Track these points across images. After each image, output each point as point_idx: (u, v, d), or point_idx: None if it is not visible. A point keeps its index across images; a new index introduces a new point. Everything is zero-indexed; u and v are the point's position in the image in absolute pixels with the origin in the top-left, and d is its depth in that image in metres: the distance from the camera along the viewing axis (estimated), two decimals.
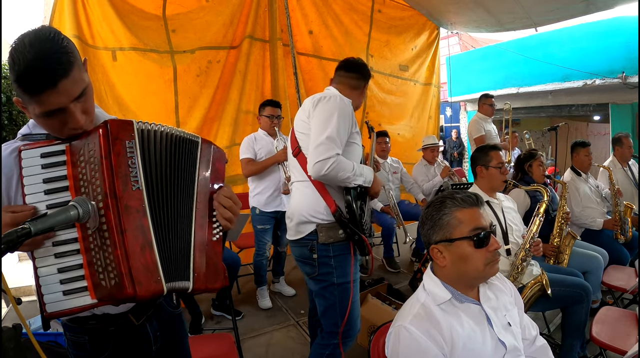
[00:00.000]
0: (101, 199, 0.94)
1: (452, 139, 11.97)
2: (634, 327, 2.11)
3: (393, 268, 4.20)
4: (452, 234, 1.25)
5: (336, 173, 1.77)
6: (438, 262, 1.28)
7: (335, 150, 1.77)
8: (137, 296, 0.92)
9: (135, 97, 3.41)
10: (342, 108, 1.86)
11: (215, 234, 1.13)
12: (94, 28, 3.18)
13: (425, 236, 1.32)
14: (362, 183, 1.88)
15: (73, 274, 0.95)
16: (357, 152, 1.98)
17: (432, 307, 1.24)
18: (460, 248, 1.24)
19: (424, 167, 4.60)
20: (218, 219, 1.13)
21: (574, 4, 4.27)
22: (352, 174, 1.81)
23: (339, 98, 1.89)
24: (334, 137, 1.78)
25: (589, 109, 8.23)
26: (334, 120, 1.81)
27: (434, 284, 1.28)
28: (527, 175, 3.13)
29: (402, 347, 1.18)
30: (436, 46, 5.58)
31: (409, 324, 1.19)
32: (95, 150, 0.95)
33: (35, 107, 0.94)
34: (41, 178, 0.97)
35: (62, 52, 0.92)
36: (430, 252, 1.29)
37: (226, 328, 2.93)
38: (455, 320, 1.22)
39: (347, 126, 1.86)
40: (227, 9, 3.83)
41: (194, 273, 1.05)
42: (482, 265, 1.23)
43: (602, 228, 3.29)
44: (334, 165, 1.75)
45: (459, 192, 1.31)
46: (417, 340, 1.16)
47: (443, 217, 1.27)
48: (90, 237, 0.96)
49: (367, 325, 2.73)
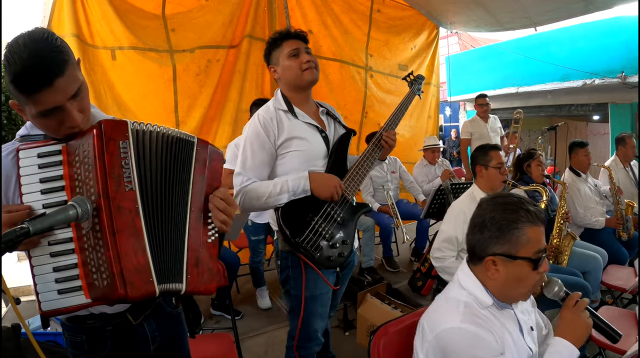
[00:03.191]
0: (94, 199, 0.94)
1: (451, 139, 11.98)
2: (634, 327, 2.11)
3: (392, 268, 4.19)
4: (518, 252, 1.14)
5: (249, 204, 1.69)
6: (489, 273, 1.18)
7: (239, 186, 1.70)
8: (128, 297, 0.92)
9: (134, 96, 3.40)
10: (252, 130, 1.74)
11: (211, 236, 1.12)
12: (93, 27, 3.17)
13: (481, 241, 1.20)
14: (293, 197, 1.67)
15: (68, 273, 0.95)
16: (297, 158, 1.75)
17: (477, 308, 1.17)
18: (520, 267, 1.15)
19: (425, 167, 4.61)
20: (213, 221, 1.12)
21: (573, 3, 4.26)
22: (267, 198, 1.66)
23: (254, 118, 1.76)
24: (238, 171, 1.72)
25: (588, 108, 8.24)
26: (242, 147, 1.74)
27: (475, 287, 1.21)
28: (526, 175, 3.14)
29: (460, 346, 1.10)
30: (435, 46, 5.57)
31: (462, 323, 1.12)
32: (89, 151, 0.95)
33: (32, 107, 0.94)
34: (38, 178, 0.97)
35: (57, 51, 0.93)
36: (485, 263, 1.19)
37: (225, 328, 2.93)
38: (499, 324, 1.18)
39: (263, 144, 1.71)
40: (226, 8, 3.83)
41: (187, 275, 1.04)
42: (531, 289, 1.18)
43: (605, 226, 3.29)
44: (242, 199, 1.68)
45: (532, 203, 1.19)
46: (478, 335, 1.10)
47: (514, 231, 1.14)
48: (84, 237, 0.96)
49: (367, 325, 2.73)
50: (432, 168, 4.60)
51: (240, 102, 3.94)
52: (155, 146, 1.04)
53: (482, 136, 4.92)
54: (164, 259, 1.01)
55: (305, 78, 1.76)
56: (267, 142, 1.72)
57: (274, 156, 1.75)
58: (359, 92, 4.86)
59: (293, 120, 1.77)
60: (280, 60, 1.77)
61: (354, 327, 2.92)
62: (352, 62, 4.76)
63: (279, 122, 1.74)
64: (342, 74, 4.67)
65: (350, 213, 1.79)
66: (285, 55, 1.75)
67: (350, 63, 4.74)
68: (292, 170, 1.73)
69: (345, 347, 2.81)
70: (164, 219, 1.03)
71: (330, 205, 1.73)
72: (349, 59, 4.72)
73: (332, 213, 1.73)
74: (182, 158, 1.08)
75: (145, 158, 1.02)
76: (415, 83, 2.13)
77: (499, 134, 5.12)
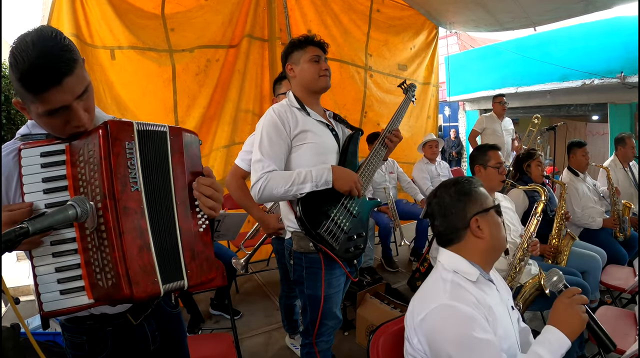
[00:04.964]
0: (100, 200, 0.93)
1: (450, 139, 11.98)
2: (633, 327, 2.12)
3: (391, 268, 4.20)
4: (487, 203, 1.28)
5: (269, 192, 1.69)
6: (477, 234, 1.26)
7: (260, 171, 1.71)
8: (134, 297, 0.91)
9: (133, 96, 3.39)
10: (268, 122, 1.79)
11: (202, 225, 1.09)
12: (92, 27, 3.17)
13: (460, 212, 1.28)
14: (315, 188, 1.71)
15: (70, 274, 0.95)
16: (311, 151, 1.82)
17: (463, 282, 1.21)
18: (493, 217, 1.27)
19: (425, 165, 4.60)
20: (201, 208, 1.09)
21: (573, 3, 4.26)
22: (290, 186, 1.68)
23: (268, 112, 1.83)
24: (258, 158, 1.74)
25: (587, 108, 8.25)
26: (259, 137, 1.78)
27: (459, 262, 1.26)
28: (525, 175, 3.14)
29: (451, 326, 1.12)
30: (435, 46, 5.57)
31: (449, 300, 1.14)
32: (95, 151, 0.95)
33: (39, 106, 0.93)
34: (40, 177, 0.96)
35: (66, 50, 0.93)
36: (471, 226, 1.26)
37: (225, 328, 2.93)
38: (487, 295, 1.21)
39: (280, 133, 1.77)
40: (226, 8, 3.82)
41: (186, 270, 1.03)
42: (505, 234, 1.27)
43: (602, 227, 3.30)
44: (263, 186, 1.69)
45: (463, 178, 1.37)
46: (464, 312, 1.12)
47: (475, 189, 1.30)
48: (88, 237, 0.95)
49: (366, 325, 2.73)
50: (432, 166, 4.59)
51: (239, 101, 3.93)
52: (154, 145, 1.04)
53: (494, 132, 5.00)
54: (166, 259, 1.01)
55: (319, 84, 1.87)
56: (283, 132, 1.78)
57: (289, 147, 1.81)
58: (358, 92, 4.87)
59: (306, 116, 1.86)
60: (301, 61, 1.87)
61: (354, 327, 2.92)
62: (352, 61, 4.76)
63: (293, 116, 1.83)
64: (342, 74, 4.67)
65: (363, 207, 1.88)
66: (307, 58, 1.85)
67: (350, 63, 4.75)
68: (305, 164, 1.78)
69: (345, 346, 2.82)
70: (160, 218, 1.03)
71: (347, 198, 1.80)
72: (348, 58, 4.72)
73: (348, 206, 1.81)
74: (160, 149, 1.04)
75: (150, 158, 1.02)
76: (409, 90, 2.21)
77: (512, 135, 5.19)
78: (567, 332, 1.12)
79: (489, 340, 1.08)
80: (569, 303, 1.18)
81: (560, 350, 1.10)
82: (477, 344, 1.07)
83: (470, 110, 11.03)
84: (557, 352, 1.09)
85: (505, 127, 5.09)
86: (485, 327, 1.11)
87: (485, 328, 1.11)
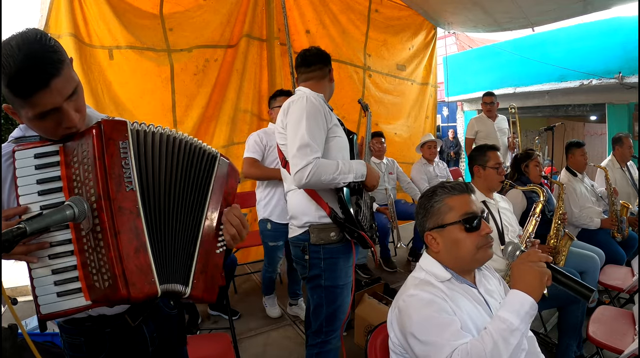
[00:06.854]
0: (95, 200, 0.93)
1: (448, 139, 11.98)
2: (631, 326, 2.12)
3: (390, 268, 4.20)
4: (444, 220, 1.30)
5: (318, 178, 1.69)
6: (432, 247, 1.33)
7: (311, 156, 1.69)
8: (130, 297, 0.91)
9: (132, 96, 3.39)
10: (310, 107, 1.78)
11: (220, 247, 1.14)
12: (90, 26, 3.16)
13: (420, 226, 1.37)
14: (354, 179, 1.79)
15: (67, 275, 0.94)
16: (341, 144, 1.90)
17: (434, 281, 1.27)
18: (452, 233, 1.28)
19: (423, 165, 4.59)
20: (224, 234, 1.14)
21: (571, 4, 4.27)
22: (337, 173, 1.73)
23: (305, 98, 1.82)
24: (307, 142, 1.71)
25: (585, 109, 8.27)
26: (303, 124, 1.75)
27: (433, 264, 1.32)
28: (523, 176, 3.14)
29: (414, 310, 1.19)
30: (433, 46, 5.57)
31: (414, 290, 1.23)
32: (89, 151, 0.95)
33: (29, 111, 0.92)
34: (35, 179, 0.96)
35: (52, 52, 0.91)
36: (425, 239, 1.34)
37: (223, 328, 2.92)
38: (458, 295, 1.25)
39: (321, 123, 1.79)
40: (224, 7, 3.82)
41: (193, 279, 1.05)
42: (475, 248, 1.26)
43: (600, 227, 3.30)
44: (313, 170, 1.68)
45: (449, 182, 1.38)
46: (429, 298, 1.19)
47: (434, 204, 1.32)
48: (84, 238, 0.95)
49: (364, 325, 2.73)
50: (430, 167, 4.59)
51: (238, 101, 3.93)
52: (159, 147, 1.04)
53: (488, 134, 4.76)
54: (167, 259, 1.01)
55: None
56: (324, 121, 1.82)
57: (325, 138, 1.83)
58: (357, 92, 4.86)
59: (332, 112, 1.93)
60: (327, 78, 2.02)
61: (352, 327, 2.91)
62: (350, 61, 4.76)
63: (327, 110, 1.89)
64: (340, 74, 4.66)
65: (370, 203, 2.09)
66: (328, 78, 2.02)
67: (349, 63, 4.74)
68: (333, 157, 1.83)
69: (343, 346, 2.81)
70: (168, 220, 1.04)
71: (365, 193, 1.97)
72: (347, 58, 4.72)
73: (366, 200, 1.99)
74: (202, 167, 1.12)
75: (147, 158, 1.02)
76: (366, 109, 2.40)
77: (506, 134, 4.94)
78: (526, 290, 1.10)
79: (449, 318, 1.15)
80: (520, 262, 1.17)
81: (522, 308, 1.07)
82: (435, 322, 1.14)
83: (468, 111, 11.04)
84: (520, 311, 1.07)
85: (499, 126, 4.86)
86: (447, 309, 1.17)
87: (446, 310, 1.17)
